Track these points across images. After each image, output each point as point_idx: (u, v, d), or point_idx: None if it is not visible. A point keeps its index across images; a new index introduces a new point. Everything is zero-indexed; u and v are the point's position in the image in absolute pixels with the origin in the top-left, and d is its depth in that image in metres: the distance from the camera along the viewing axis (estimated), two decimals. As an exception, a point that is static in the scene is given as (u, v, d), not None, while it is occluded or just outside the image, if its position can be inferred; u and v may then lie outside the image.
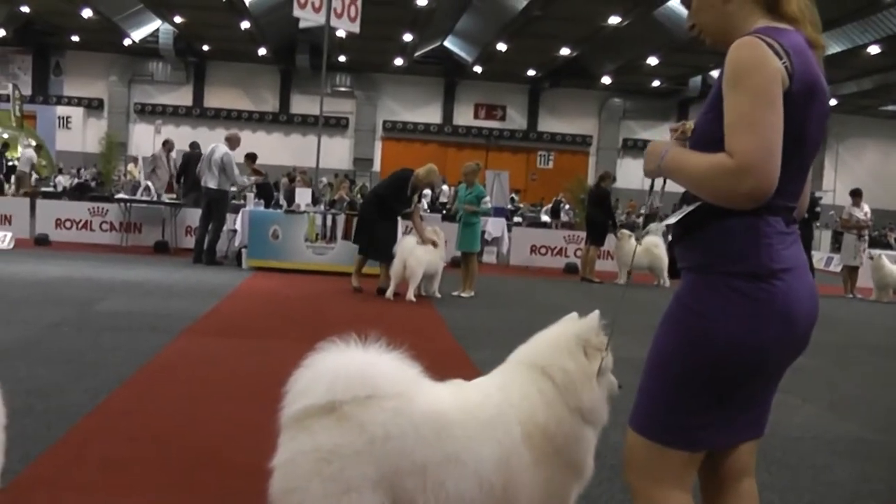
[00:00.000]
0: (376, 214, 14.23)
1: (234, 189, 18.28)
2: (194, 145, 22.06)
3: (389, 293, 13.59)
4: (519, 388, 3.40)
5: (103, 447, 5.50)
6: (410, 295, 13.48)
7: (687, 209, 2.91)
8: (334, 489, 2.99)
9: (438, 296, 14.20)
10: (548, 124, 46.76)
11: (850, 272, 20.63)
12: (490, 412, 3.30)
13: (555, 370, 3.39)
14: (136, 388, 7.14)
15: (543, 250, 22.52)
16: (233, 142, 17.44)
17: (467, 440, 3.18)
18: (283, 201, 18.87)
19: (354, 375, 3.07)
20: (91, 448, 5.48)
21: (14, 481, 4.43)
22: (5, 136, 34.35)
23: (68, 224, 20.35)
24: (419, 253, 13.51)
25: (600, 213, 19.23)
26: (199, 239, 17.50)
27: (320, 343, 3.21)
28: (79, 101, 46.26)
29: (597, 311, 3.47)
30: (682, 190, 2.95)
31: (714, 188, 2.72)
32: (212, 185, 17.02)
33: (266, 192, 20.52)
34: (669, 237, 2.92)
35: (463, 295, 14.60)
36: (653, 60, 38.36)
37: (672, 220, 2.98)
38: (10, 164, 31.34)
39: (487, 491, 3.19)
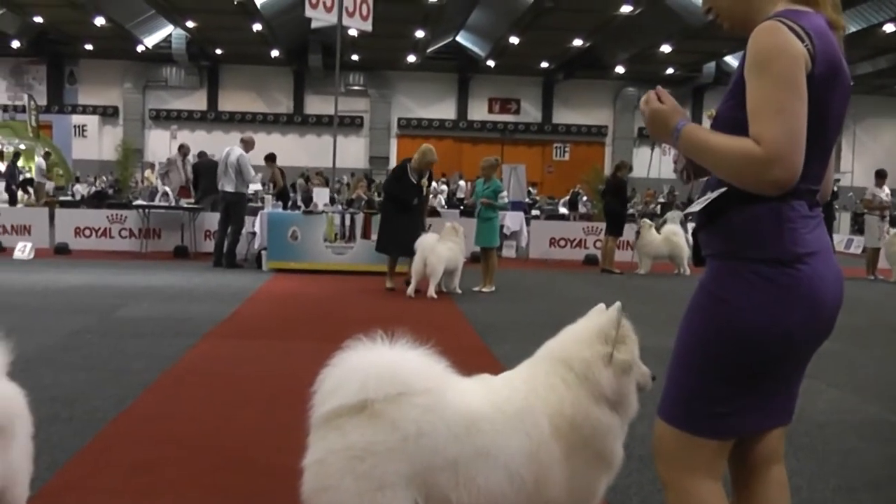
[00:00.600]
0: (392, 211, 14.27)
1: (250, 192, 18.31)
2: (202, 154, 22.10)
3: (410, 290, 13.58)
4: (544, 380, 3.38)
5: (130, 452, 5.53)
6: (431, 291, 13.45)
7: (711, 195, 2.88)
8: (368, 486, 2.99)
9: (459, 292, 14.17)
10: (563, 116, 46.68)
11: (873, 254, 20.40)
12: (518, 405, 3.29)
13: (575, 361, 3.38)
14: (161, 393, 7.16)
15: (563, 243, 22.42)
16: (248, 144, 17.44)
17: (496, 434, 3.18)
18: (300, 202, 18.88)
19: (385, 373, 3.07)
20: (117, 453, 5.51)
21: (42, 488, 4.43)
22: (22, 146, 34.48)
23: (87, 232, 20.34)
24: (439, 249, 13.48)
25: (617, 204, 19.11)
26: (218, 242, 17.53)
27: (343, 342, 3.21)
28: (94, 110, 46.41)
29: (618, 303, 3.43)
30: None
31: (739, 174, 2.70)
32: (229, 188, 17.04)
33: (282, 193, 20.57)
34: (689, 225, 2.85)
35: (483, 290, 14.56)
36: (666, 48, 38.20)
37: (697, 206, 2.94)
38: (26, 175, 31.44)
39: (518, 485, 3.19)
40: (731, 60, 40.02)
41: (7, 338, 3.69)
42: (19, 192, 28.69)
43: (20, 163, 31.49)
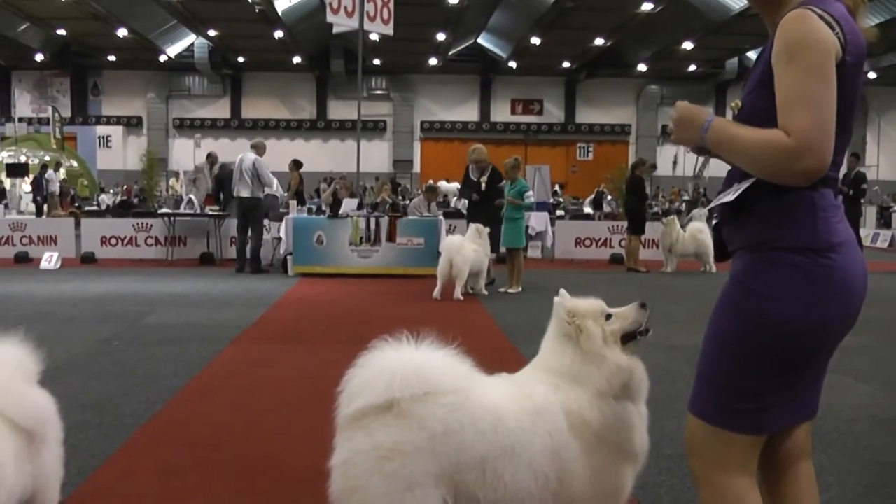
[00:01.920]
0: (469, 210, 14.73)
1: (273, 193, 18.36)
2: (224, 165, 22.25)
3: (436, 292, 13.53)
4: (552, 380, 3.40)
5: (161, 456, 5.56)
6: (458, 293, 13.43)
7: (740, 187, 2.85)
8: (396, 486, 2.99)
9: (485, 293, 14.16)
10: (586, 115, 46.55)
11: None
12: (537, 403, 3.30)
13: (554, 368, 3.44)
14: (190, 398, 7.20)
15: (588, 242, 22.33)
16: (260, 149, 17.52)
17: (521, 432, 3.19)
18: (325, 206, 18.92)
19: (411, 373, 3.08)
20: (148, 457, 5.55)
21: (74, 493, 4.46)
22: (47, 158, 34.70)
23: (113, 241, 20.44)
24: (465, 251, 13.46)
25: (636, 201, 19.02)
26: (239, 248, 17.65)
27: (371, 344, 3.22)
28: (118, 120, 46.68)
29: (559, 294, 3.51)
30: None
31: (769, 166, 2.66)
32: (245, 193, 17.11)
33: (298, 197, 20.62)
34: (714, 220, 2.83)
35: (510, 291, 14.53)
36: (688, 45, 38.06)
37: (727, 197, 2.90)
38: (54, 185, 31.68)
39: (543, 482, 3.19)
40: (754, 56, 39.81)
41: (37, 346, 3.74)
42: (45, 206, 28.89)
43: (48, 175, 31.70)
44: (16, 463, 3.36)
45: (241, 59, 44.69)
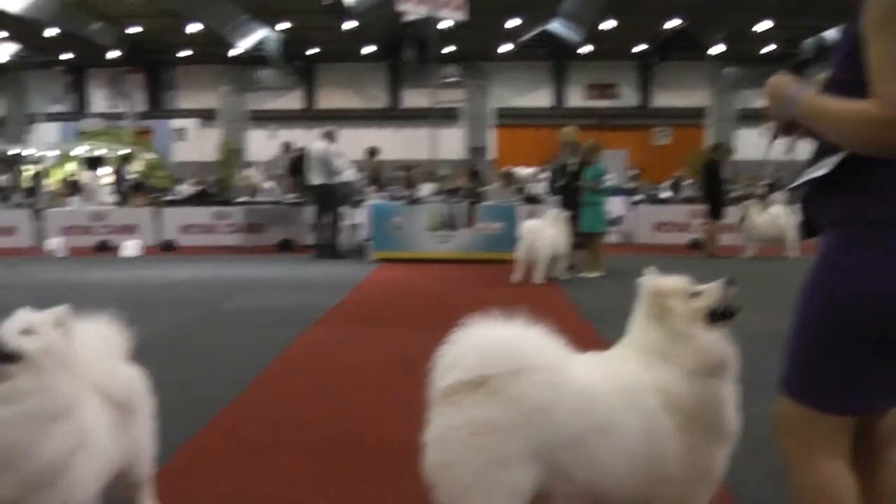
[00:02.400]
0: (564, 201, 14.45)
1: (349, 180, 18.46)
2: (300, 154, 22.38)
3: (516, 277, 13.40)
4: (642, 358, 3.34)
5: (247, 434, 5.63)
6: (538, 278, 13.28)
7: (830, 161, 2.71)
8: (489, 462, 2.99)
9: (565, 277, 13.98)
10: (661, 99, 45.85)
11: None
12: (629, 381, 3.24)
13: (647, 346, 3.37)
14: (273, 379, 7.24)
15: (667, 227, 22.04)
16: (330, 136, 17.61)
17: (613, 410, 3.15)
18: (403, 193, 18.96)
19: (503, 349, 3.07)
20: (235, 435, 5.62)
21: (163, 469, 4.47)
22: (123, 151, 35.22)
23: (193, 229, 20.79)
24: (545, 235, 13.32)
25: (714, 186, 18.63)
26: (317, 235, 17.74)
27: (452, 328, 3.17)
28: (193, 113, 47.13)
29: (647, 272, 3.51)
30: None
31: (858, 137, 2.54)
32: (317, 181, 17.21)
33: (377, 184, 20.68)
34: (799, 200, 2.70)
35: (589, 276, 14.34)
36: (764, 25, 37.37)
37: (818, 172, 2.76)
38: (133, 177, 32.13)
39: (636, 461, 3.13)
40: (833, 35, 39.00)
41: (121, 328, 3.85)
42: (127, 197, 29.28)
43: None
44: (110, 435, 3.44)
45: (312, 51, 44.85)
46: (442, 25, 26.71)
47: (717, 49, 41.90)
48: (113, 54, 42.82)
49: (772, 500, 4.35)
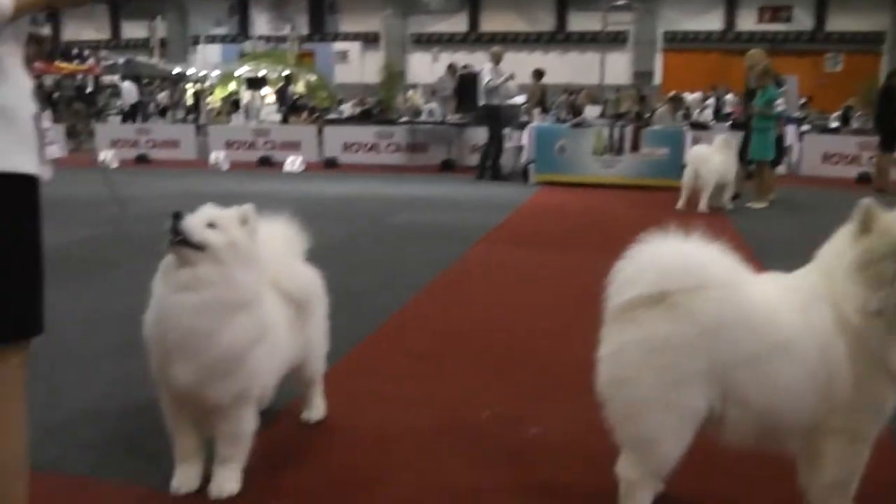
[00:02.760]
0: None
1: (515, 103, 18.18)
2: (465, 75, 22.15)
3: (680, 204, 12.94)
4: (826, 283, 3.05)
5: (411, 342, 5.76)
6: (703, 205, 12.78)
7: None
8: (665, 380, 2.90)
9: (730, 207, 13.38)
10: (836, 23, 43.72)
11: None
12: (807, 299, 3.02)
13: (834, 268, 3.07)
14: (438, 292, 7.30)
15: (835, 159, 20.98)
16: (497, 56, 17.38)
17: (792, 329, 2.95)
18: (567, 116, 18.58)
19: (683, 265, 2.96)
20: (401, 343, 5.76)
21: (333, 369, 4.56)
22: (285, 72, 35.72)
23: (355, 147, 20.92)
24: (712, 162, 12.79)
25: (889, 114, 17.40)
26: (483, 156, 17.54)
27: (614, 252, 3.08)
28: (355, 36, 47.42)
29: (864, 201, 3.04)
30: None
31: None
32: (486, 102, 17.08)
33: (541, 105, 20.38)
34: None
35: (755, 206, 13.69)
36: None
37: None
38: (295, 97, 32.55)
39: (813, 381, 2.93)
40: None
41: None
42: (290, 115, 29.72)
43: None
44: (288, 331, 3.61)
45: (479, -28, 44.44)
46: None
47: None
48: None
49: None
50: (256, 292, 3.25)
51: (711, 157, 12.88)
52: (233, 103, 34.83)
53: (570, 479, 3.59)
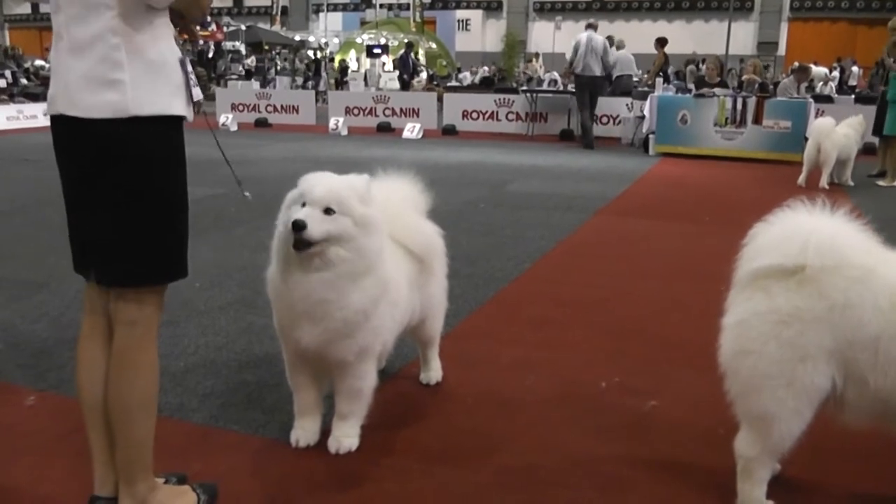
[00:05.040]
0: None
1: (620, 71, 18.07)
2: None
3: (801, 180, 12.50)
4: None
5: (529, 309, 5.73)
6: (823, 181, 12.29)
7: None
8: (791, 355, 2.83)
9: (851, 184, 12.86)
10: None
11: None
12: None
13: None
14: (557, 261, 7.26)
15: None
16: (593, 26, 17.48)
17: None
18: (690, 86, 18.25)
19: (826, 241, 2.85)
20: (518, 308, 5.74)
21: (451, 332, 4.64)
22: (406, 39, 35.93)
23: (474, 115, 20.85)
24: (835, 135, 12.31)
25: None
26: (584, 124, 17.73)
27: (733, 227, 3.06)
28: (477, 4, 47.36)
29: None
30: None
31: None
32: (593, 72, 17.11)
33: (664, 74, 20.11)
34: None
35: (881, 184, 13.15)
36: None
37: None
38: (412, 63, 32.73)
39: None
40: None
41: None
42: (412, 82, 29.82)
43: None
44: (408, 287, 3.63)
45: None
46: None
47: None
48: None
49: None
50: (381, 255, 3.27)
51: (835, 131, 12.41)
52: (341, 71, 35.16)
53: (687, 456, 3.53)
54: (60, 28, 2.56)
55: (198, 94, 2.74)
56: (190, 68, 2.74)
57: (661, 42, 20.49)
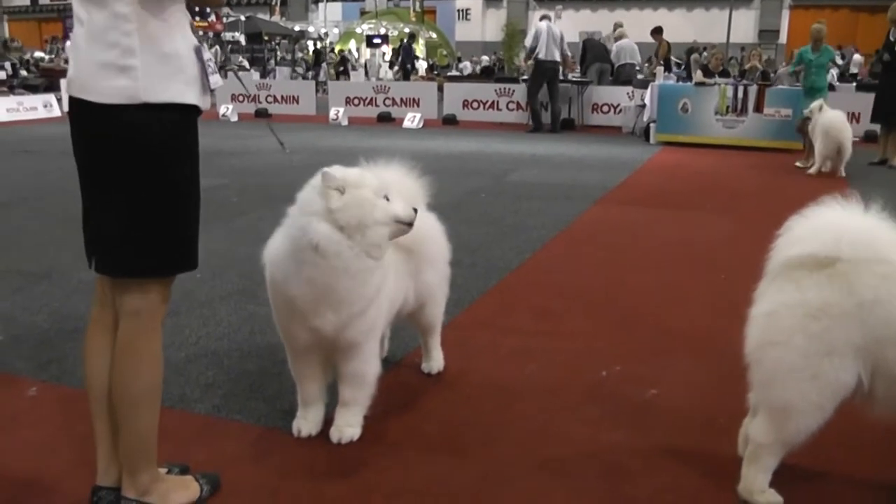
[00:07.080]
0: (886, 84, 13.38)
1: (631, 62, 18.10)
2: (592, 33, 22.00)
3: (814, 169, 12.44)
4: None
5: (531, 298, 5.75)
6: (841, 171, 12.24)
7: None
8: (817, 349, 2.81)
9: (842, 174, 12.65)
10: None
11: None
12: None
13: None
14: (558, 250, 7.26)
15: None
16: (548, 17, 18.34)
17: None
18: (693, 73, 18.22)
19: (861, 237, 2.85)
20: (520, 298, 5.75)
21: (454, 321, 4.68)
22: (406, 30, 35.85)
23: (475, 105, 20.80)
24: (847, 129, 12.24)
25: None
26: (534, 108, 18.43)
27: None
28: (477, -6, 47.21)
29: None
30: None
31: None
32: (542, 57, 17.74)
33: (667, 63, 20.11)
34: None
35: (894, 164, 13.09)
36: None
37: None
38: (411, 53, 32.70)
39: None
40: None
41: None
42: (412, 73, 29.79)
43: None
44: (395, 275, 3.59)
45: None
46: None
47: None
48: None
49: None
50: (386, 248, 3.31)
51: (846, 124, 12.37)
52: (340, 61, 35.11)
53: (687, 443, 3.54)
54: (80, 12, 2.60)
55: (216, 80, 2.77)
56: (208, 55, 2.75)
57: (658, 30, 20.45)
